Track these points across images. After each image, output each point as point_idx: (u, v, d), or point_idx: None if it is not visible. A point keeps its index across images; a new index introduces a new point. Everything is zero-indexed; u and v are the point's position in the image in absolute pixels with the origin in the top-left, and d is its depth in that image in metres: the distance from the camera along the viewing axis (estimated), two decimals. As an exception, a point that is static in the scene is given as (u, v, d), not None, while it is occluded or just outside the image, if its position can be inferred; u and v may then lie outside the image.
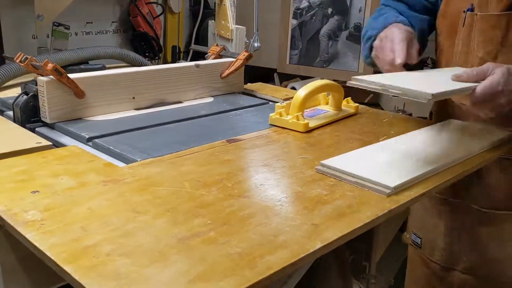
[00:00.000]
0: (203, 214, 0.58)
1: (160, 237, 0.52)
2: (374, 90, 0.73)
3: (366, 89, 0.74)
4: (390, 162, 0.74)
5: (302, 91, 0.95)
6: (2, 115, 1.02)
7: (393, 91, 0.70)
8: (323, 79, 2.22)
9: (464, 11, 1.00)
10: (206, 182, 0.67)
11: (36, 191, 0.62)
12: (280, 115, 0.94)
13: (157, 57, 1.90)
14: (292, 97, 1.15)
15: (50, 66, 0.87)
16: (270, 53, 2.22)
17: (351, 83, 0.74)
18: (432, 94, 0.66)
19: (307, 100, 0.95)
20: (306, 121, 0.92)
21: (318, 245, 0.51)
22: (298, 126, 0.92)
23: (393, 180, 0.66)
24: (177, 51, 2.07)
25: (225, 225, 0.55)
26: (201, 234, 0.53)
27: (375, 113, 1.09)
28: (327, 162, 0.72)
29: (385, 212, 0.60)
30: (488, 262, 1.07)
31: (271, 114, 0.96)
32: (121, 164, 0.75)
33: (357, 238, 1.70)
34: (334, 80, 2.29)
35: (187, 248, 0.50)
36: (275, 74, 2.33)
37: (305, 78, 2.35)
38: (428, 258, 1.17)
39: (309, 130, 0.92)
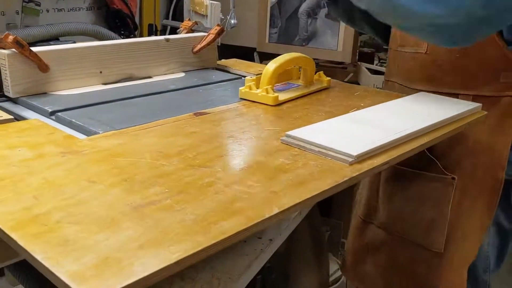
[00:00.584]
0: (160, 183, 0.57)
1: (113, 205, 0.51)
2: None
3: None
4: (356, 132, 0.73)
5: (272, 64, 0.94)
6: (-34, 90, 0.99)
7: (314, 149, 0.68)
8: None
9: None
10: (167, 153, 0.66)
11: (-9, 162, 0.61)
12: (250, 88, 0.93)
13: (132, 35, 1.87)
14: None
15: (10, 38, 0.85)
16: (250, 32, 2.19)
17: (283, 139, 0.71)
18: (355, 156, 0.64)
19: (277, 74, 0.94)
20: (275, 94, 0.91)
21: (275, 210, 0.51)
22: (267, 100, 0.91)
23: (356, 148, 0.65)
24: (154, 29, 2.04)
25: (182, 193, 0.54)
26: (156, 202, 0.52)
27: (348, 87, 1.08)
28: (292, 132, 0.71)
29: (346, 180, 0.60)
30: (396, 218, 1.11)
31: (240, 88, 0.95)
32: (82, 137, 0.73)
33: (334, 215, 1.72)
34: (315, 59, 2.28)
35: (141, 216, 0.49)
36: (255, 53, 2.30)
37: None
38: (357, 214, 1.23)
39: (279, 104, 0.91)
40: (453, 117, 0.84)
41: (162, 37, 1.11)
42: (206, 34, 1.19)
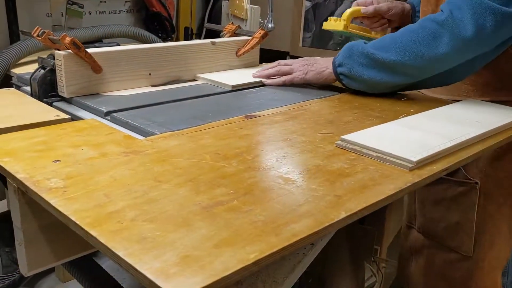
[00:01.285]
0: (224, 184, 0.57)
1: (184, 205, 0.52)
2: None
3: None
4: (412, 137, 0.73)
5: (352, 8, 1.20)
6: (19, 90, 1.02)
7: (371, 154, 0.68)
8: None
9: None
10: (226, 155, 0.67)
11: (57, 160, 0.62)
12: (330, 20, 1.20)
13: (169, 38, 1.90)
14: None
15: (68, 39, 0.87)
16: (283, 36, 2.20)
17: (338, 143, 0.73)
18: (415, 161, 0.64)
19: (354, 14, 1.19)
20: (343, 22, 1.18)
21: (342, 215, 0.51)
22: (337, 26, 1.19)
23: (415, 154, 0.65)
24: (190, 32, 2.07)
25: (247, 194, 0.55)
26: (224, 203, 0.53)
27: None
28: (347, 137, 0.72)
29: (408, 185, 0.60)
30: (429, 222, 1.13)
31: (324, 22, 1.22)
32: (140, 137, 0.75)
33: (369, 222, 1.71)
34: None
35: (211, 216, 0.50)
36: (287, 57, 2.31)
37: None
38: (403, 219, 1.27)
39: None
40: (506, 125, 0.83)
41: (208, 41, 1.12)
42: (249, 37, 1.20)
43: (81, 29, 1.39)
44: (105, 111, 0.85)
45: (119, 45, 1.42)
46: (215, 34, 1.78)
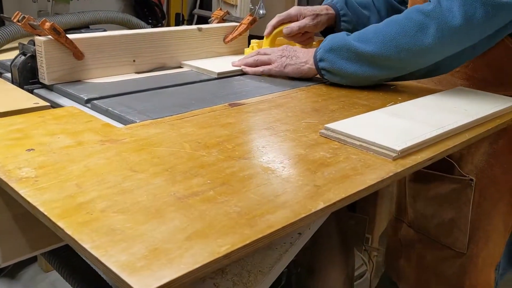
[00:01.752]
0: (202, 174, 0.56)
1: (157, 195, 0.50)
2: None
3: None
4: (397, 126, 0.71)
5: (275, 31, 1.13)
6: (1, 77, 1.00)
7: (355, 142, 0.66)
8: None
9: None
10: (206, 144, 0.65)
11: (31, 149, 0.61)
12: (252, 48, 1.12)
13: (159, 24, 1.87)
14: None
15: (47, 25, 0.85)
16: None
17: (322, 132, 0.71)
18: (399, 151, 0.63)
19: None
20: None
21: (320, 205, 0.50)
22: None
23: (399, 143, 0.64)
24: (181, 18, 2.04)
25: (225, 185, 0.54)
26: (199, 193, 0.51)
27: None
28: (331, 125, 0.70)
29: (390, 175, 0.58)
30: (421, 218, 1.12)
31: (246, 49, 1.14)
32: (119, 125, 0.73)
33: (360, 210, 1.70)
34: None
35: (185, 206, 0.48)
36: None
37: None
38: (391, 211, 1.28)
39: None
40: (495, 113, 0.82)
41: (194, 27, 1.10)
42: (237, 24, 1.18)
43: (66, 14, 1.36)
44: (85, 98, 0.83)
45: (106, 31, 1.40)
46: (206, 20, 1.75)
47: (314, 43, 1.20)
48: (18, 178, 0.53)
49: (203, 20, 1.89)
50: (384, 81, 0.97)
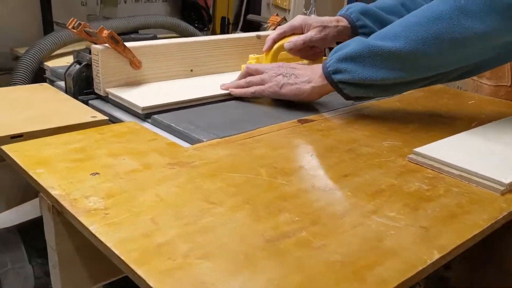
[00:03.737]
0: (287, 209, 0.49)
1: (244, 236, 0.44)
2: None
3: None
4: (496, 152, 0.63)
5: (276, 45, 0.97)
6: (53, 85, 0.96)
7: (453, 172, 0.59)
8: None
9: None
10: (283, 169, 0.59)
11: (96, 173, 0.55)
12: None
13: (206, 28, 1.82)
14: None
15: (105, 33, 0.80)
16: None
17: (410, 157, 0.63)
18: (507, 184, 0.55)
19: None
20: None
21: (435, 255, 0.42)
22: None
23: (505, 175, 0.56)
24: (226, 22, 1.98)
25: (316, 224, 0.47)
26: (290, 235, 0.45)
27: (457, 93, 0.97)
28: (421, 150, 0.62)
29: (504, 215, 0.50)
30: None
31: (243, 65, 0.95)
32: (184, 144, 0.67)
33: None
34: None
35: (278, 252, 0.42)
36: (326, 50, 2.21)
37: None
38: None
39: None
40: None
41: (253, 34, 1.04)
42: (296, 30, 1.11)
43: (116, 19, 1.32)
44: (145, 112, 0.77)
45: (156, 37, 1.35)
46: (254, 25, 1.69)
47: (324, 58, 1.04)
48: (86, 210, 0.47)
49: (250, 25, 1.83)
50: (420, 86, 0.76)
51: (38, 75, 1.11)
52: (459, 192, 0.55)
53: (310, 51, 0.99)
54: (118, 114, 0.80)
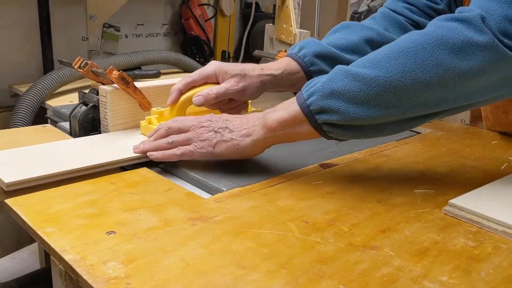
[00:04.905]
0: (329, 274, 0.44)
1: (287, 311, 0.39)
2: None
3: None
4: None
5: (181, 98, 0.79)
6: (55, 125, 0.91)
7: (496, 227, 0.54)
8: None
9: None
10: (315, 224, 0.54)
11: (112, 231, 0.50)
12: (149, 122, 0.79)
13: (207, 62, 1.79)
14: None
15: (116, 74, 0.76)
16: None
17: (447, 210, 0.58)
18: None
19: None
20: None
21: (505, 331, 0.38)
22: (149, 130, 0.77)
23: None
24: (227, 55, 1.96)
25: (364, 292, 0.42)
26: (338, 307, 0.40)
27: (476, 132, 0.94)
28: (457, 202, 0.58)
29: None
30: None
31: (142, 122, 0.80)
32: (203, 194, 0.63)
33: None
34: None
35: (328, 331, 0.37)
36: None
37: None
38: None
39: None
40: None
41: (264, 71, 1.00)
42: (306, 67, 1.08)
43: (120, 55, 1.29)
44: (156, 157, 0.73)
45: (160, 72, 1.32)
46: (254, 59, 1.67)
47: (252, 109, 0.90)
48: (105, 278, 0.42)
49: (251, 58, 1.80)
50: (419, 123, 0.63)
51: (39, 114, 1.06)
52: (509, 250, 0.50)
53: (229, 104, 0.81)
54: (127, 159, 0.75)
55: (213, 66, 0.79)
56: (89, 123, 0.83)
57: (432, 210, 0.59)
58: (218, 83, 0.79)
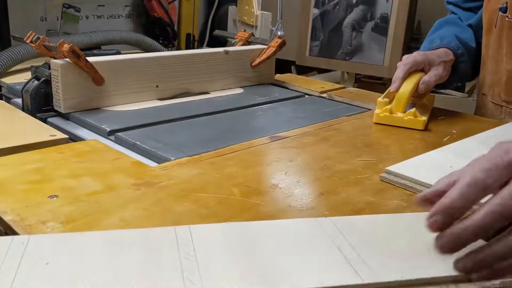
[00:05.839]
0: (264, 231, 0.46)
1: (218, 262, 0.40)
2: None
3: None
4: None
5: (407, 85, 0.83)
6: (9, 102, 0.90)
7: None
8: (343, 72, 2.11)
9: (499, 9, 0.88)
10: (257, 189, 0.56)
11: (55, 195, 0.51)
12: (390, 112, 0.82)
13: (171, 45, 1.79)
14: (328, 90, 1.05)
15: (66, 47, 0.76)
16: (289, 44, 2.09)
17: (383, 176, 0.61)
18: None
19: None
20: (423, 117, 0.81)
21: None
22: (417, 124, 0.81)
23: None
24: (192, 38, 1.96)
25: (295, 246, 0.44)
26: (268, 259, 0.42)
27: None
28: (393, 168, 0.61)
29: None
30: None
31: (376, 112, 0.83)
32: (151, 163, 0.64)
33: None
34: (357, 74, 2.16)
35: (255, 279, 0.39)
36: (292, 67, 2.21)
37: (324, 71, 2.23)
38: None
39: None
40: None
41: (221, 49, 1.01)
42: (264, 46, 1.10)
43: (78, 34, 1.27)
44: (108, 129, 0.73)
45: (120, 52, 1.31)
46: (220, 41, 1.67)
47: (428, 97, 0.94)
48: (42, 237, 0.43)
49: (216, 41, 1.80)
50: None
51: (-7, 92, 1.05)
52: (439, 209, 0.53)
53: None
54: (79, 132, 0.76)
55: (422, 56, 0.86)
56: (41, 98, 0.83)
57: (371, 176, 0.61)
58: (423, 71, 0.86)
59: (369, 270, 0.38)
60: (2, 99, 0.97)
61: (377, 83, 2.23)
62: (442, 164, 0.63)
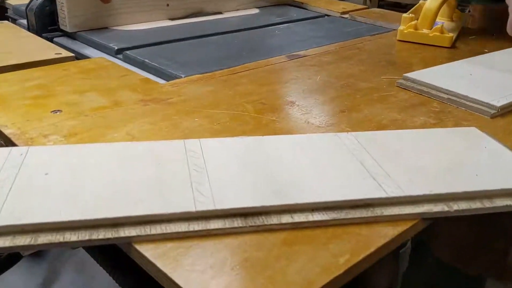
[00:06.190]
0: (279, 146, 0.43)
1: (230, 176, 0.38)
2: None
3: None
4: (490, 78, 0.58)
5: (433, 1, 0.77)
6: (15, 23, 0.86)
7: (442, 96, 0.54)
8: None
9: None
10: (273, 106, 0.52)
11: (58, 110, 0.48)
12: (415, 28, 0.77)
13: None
14: (350, 10, 0.99)
15: (68, -42, 0.70)
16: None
17: (400, 82, 0.57)
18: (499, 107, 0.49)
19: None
20: (450, 34, 0.76)
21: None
22: (443, 41, 0.76)
23: (497, 98, 0.51)
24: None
25: (313, 161, 0.41)
26: (283, 173, 0.38)
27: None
28: (411, 75, 0.57)
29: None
30: None
31: (400, 28, 0.78)
32: (161, 81, 0.60)
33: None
34: (380, 1, 2.04)
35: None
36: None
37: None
38: None
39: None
40: None
41: (235, -35, 0.94)
42: (282, -37, 1.02)
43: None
44: (116, 48, 0.69)
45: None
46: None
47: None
48: (44, 150, 0.40)
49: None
50: None
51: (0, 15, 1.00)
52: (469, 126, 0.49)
53: None
54: (86, 51, 0.72)
55: None
56: (46, 17, 0.78)
57: (396, 94, 0.57)
58: None
59: (394, 184, 0.35)
60: (8, 21, 0.93)
61: (402, 12, 2.12)
62: (463, 73, 0.59)
